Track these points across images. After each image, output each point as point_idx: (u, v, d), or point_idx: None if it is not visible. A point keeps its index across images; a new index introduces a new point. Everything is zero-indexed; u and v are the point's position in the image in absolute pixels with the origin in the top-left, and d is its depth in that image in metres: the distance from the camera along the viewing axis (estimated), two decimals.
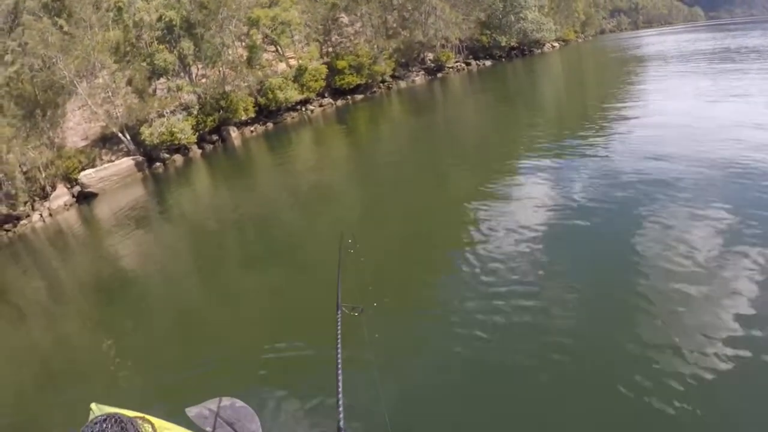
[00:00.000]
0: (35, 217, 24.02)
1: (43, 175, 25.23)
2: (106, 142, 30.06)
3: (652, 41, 53.62)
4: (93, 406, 2.94)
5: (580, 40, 62.28)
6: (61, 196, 25.39)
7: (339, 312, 3.88)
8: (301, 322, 8.25)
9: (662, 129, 15.36)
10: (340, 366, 3.04)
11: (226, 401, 3.73)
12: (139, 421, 2.26)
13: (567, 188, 11.68)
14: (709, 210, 9.01)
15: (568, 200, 10.98)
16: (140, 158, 28.79)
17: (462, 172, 15.76)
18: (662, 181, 10.83)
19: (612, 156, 13.59)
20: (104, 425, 2.01)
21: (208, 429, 3.30)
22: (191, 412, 3.52)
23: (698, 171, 11.08)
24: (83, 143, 29.94)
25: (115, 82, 30.01)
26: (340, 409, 2.58)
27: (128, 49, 32.29)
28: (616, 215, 9.71)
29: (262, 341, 7.85)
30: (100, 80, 29.74)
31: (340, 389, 2.80)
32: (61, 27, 28.68)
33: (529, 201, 11.41)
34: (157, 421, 2.52)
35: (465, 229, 10.57)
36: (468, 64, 47.02)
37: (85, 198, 25.74)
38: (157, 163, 29.14)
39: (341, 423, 2.61)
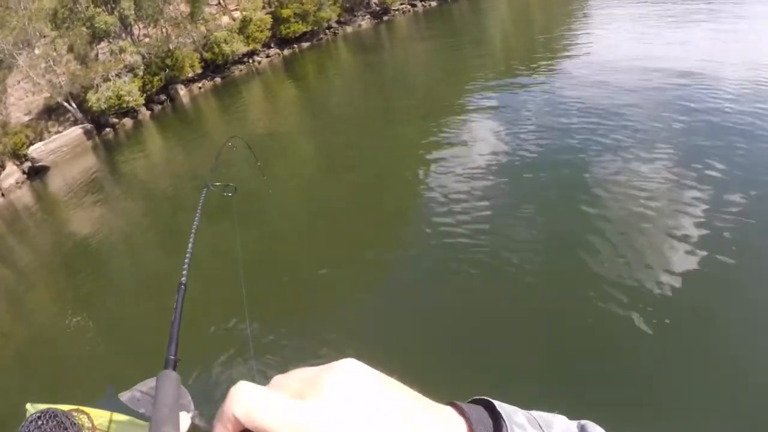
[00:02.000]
0: None
1: None
2: (51, 113, 29.13)
3: None
4: (28, 406, 2.82)
5: None
6: (12, 174, 24.80)
7: (206, 189, 3.64)
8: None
9: (610, 63, 15.57)
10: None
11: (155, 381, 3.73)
12: (75, 414, 2.25)
13: (517, 125, 11.92)
14: (658, 141, 9.31)
15: (519, 137, 11.21)
16: (89, 126, 28.12)
17: (412, 115, 15.92)
18: (611, 115, 11.06)
19: (560, 92, 13.80)
20: (40, 422, 1.95)
21: (141, 410, 3.27)
22: (124, 396, 3.48)
23: (647, 103, 11.33)
24: (27, 118, 28.98)
25: (56, 50, 28.77)
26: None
27: (66, 14, 30.78)
28: (566, 149, 9.96)
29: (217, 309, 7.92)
30: (38, 50, 28.47)
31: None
32: None
33: (479, 140, 11.66)
34: (93, 411, 2.49)
35: (417, 172, 10.87)
36: (414, 5, 46.00)
37: (36, 173, 25.20)
38: (107, 129, 28.54)
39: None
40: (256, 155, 4.50)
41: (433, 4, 46.44)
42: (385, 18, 43.92)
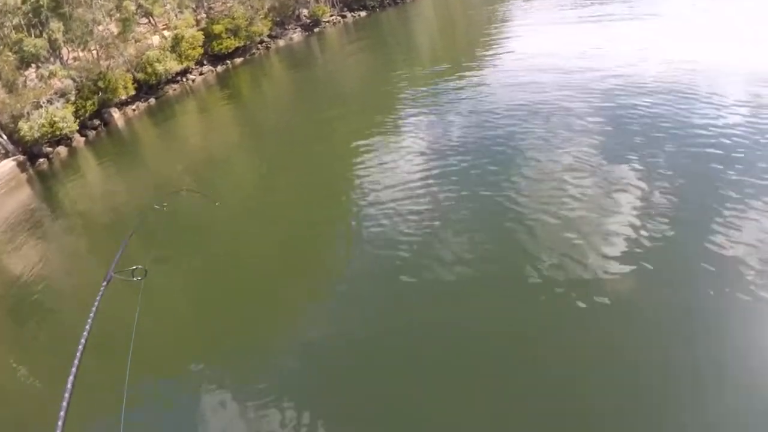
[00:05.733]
0: None
1: None
2: None
3: None
4: None
5: None
6: None
7: (106, 281, 3.40)
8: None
9: (531, 64, 16.25)
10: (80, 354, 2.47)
11: None
12: None
13: (449, 127, 12.26)
14: (582, 133, 9.91)
15: (452, 138, 11.54)
16: (21, 157, 27.02)
17: (345, 123, 16.17)
18: (537, 111, 11.64)
19: (486, 95, 14.12)
20: None
21: None
22: None
23: (570, 97, 11.99)
24: None
25: None
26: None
27: None
28: (497, 149, 10.30)
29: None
30: None
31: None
32: None
33: (413, 144, 11.87)
34: None
35: (350, 183, 10.99)
36: (344, 16, 46.32)
37: None
38: (41, 160, 27.46)
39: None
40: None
41: (362, 14, 46.86)
42: (316, 30, 44.06)
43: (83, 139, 29.64)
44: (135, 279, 3.58)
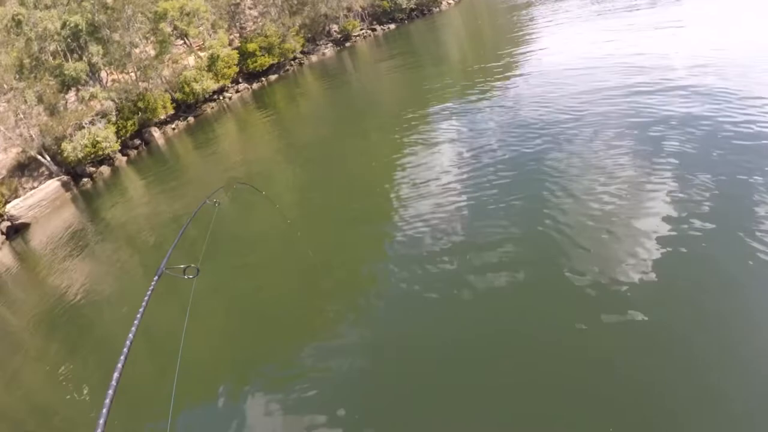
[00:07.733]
0: None
1: None
2: (23, 169, 27.41)
3: None
4: None
5: None
6: None
7: (157, 276, 3.23)
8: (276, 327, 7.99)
9: (561, 66, 15.77)
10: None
11: None
12: None
13: (483, 134, 11.80)
14: (616, 142, 9.20)
15: (485, 146, 11.05)
16: (65, 178, 26.55)
17: (381, 134, 15.71)
18: (571, 115, 11.08)
19: (518, 98, 13.82)
20: None
21: None
22: None
23: (602, 101, 11.33)
24: None
25: (26, 101, 27.12)
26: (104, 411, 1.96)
27: (33, 64, 29.13)
28: (530, 156, 9.80)
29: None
30: (5, 104, 26.86)
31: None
32: None
33: (448, 154, 11.47)
34: None
35: (386, 194, 10.53)
36: (373, 29, 45.71)
37: (16, 232, 23.51)
38: (84, 179, 27.00)
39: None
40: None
41: (391, 26, 46.22)
42: (347, 44, 43.49)
43: (125, 158, 29.21)
44: (186, 277, 3.35)
